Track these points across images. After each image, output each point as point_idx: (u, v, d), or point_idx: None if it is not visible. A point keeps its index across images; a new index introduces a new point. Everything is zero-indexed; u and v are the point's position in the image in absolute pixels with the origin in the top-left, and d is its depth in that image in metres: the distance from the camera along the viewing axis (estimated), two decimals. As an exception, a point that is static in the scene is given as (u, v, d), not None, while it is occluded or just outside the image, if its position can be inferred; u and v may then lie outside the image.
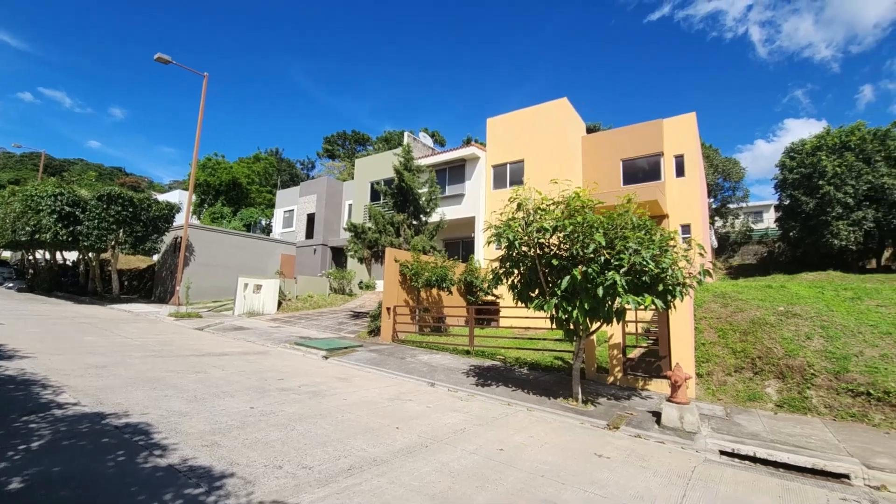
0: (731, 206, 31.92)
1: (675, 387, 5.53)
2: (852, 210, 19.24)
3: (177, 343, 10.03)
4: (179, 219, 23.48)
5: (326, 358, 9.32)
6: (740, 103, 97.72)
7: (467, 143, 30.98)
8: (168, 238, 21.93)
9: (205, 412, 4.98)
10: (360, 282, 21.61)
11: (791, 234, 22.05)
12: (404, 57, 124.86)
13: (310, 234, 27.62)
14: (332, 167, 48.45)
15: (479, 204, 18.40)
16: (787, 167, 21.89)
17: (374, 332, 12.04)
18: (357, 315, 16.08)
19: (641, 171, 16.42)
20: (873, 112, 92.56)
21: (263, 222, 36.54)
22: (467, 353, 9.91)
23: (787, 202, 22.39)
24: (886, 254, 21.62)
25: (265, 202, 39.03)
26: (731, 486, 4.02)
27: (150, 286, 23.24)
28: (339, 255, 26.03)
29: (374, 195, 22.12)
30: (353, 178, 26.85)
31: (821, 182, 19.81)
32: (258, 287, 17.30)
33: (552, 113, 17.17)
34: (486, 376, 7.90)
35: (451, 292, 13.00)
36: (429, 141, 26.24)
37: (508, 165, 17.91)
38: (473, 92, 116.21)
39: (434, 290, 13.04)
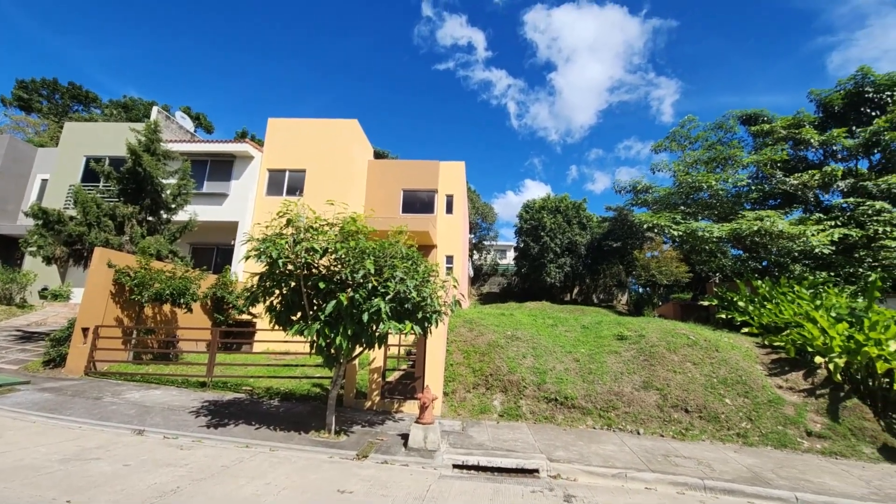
0: (486, 242, 39.16)
1: (423, 408, 5.80)
2: (559, 256, 26.28)
3: None
4: None
5: (-59, 408, 5.88)
6: (498, 158, 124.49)
7: (242, 136, 27.37)
8: None
9: None
10: (45, 289, 15.30)
11: (522, 270, 28.45)
12: (169, 25, 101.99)
13: (-44, 211, 18.15)
14: (25, 123, 34.19)
15: (245, 207, 16.12)
16: (524, 218, 28.37)
17: (57, 361, 8.52)
18: (29, 337, 11.17)
19: (419, 202, 18.02)
20: (576, 186, 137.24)
21: None
22: (203, 385, 8.10)
23: (521, 245, 28.70)
24: (576, 290, 30.34)
25: None
26: (457, 498, 4.35)
27: None
28: (10, 248, 17.99)
29: (91, 175, 16.41)
30: (57, 144, 19.36)
31: (542, 233, 26.41)
32: None
33: (342, 131, 16.94)
34: (223, 414, 6.53)
35: (191, 310, 10.53)
36: (189, 124, 21.66)
37: (288, 172, 16.51)
38: (256, 89, 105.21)
39: (167, 307, 10.34)
